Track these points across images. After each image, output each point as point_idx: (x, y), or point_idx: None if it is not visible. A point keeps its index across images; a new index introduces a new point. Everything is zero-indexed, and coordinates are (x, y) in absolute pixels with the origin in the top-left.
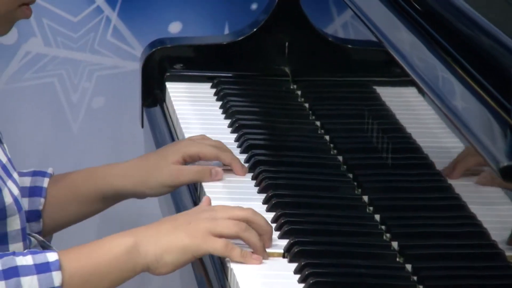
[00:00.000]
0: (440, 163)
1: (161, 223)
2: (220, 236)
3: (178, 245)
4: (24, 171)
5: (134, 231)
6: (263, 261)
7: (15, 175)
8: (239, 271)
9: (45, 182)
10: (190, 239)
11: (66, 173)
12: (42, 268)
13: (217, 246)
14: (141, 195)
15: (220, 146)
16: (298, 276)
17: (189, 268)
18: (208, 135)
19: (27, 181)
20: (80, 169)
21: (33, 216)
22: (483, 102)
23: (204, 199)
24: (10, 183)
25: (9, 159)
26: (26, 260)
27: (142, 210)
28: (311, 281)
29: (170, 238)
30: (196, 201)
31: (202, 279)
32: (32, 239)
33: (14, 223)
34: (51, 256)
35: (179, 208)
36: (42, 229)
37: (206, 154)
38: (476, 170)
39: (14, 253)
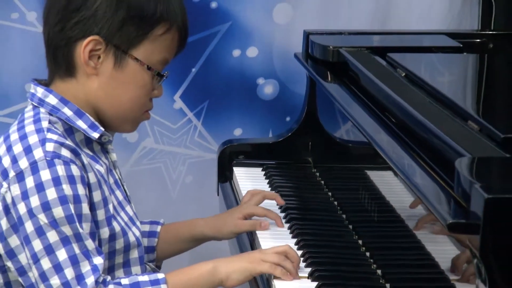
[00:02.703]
0: (407, 220)
1: (232, 256)
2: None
3: (241, 267)
4: (145, 220)
5: (214, 260)
6: (295, 280)
7: (138, 223)
8: (278, 285)
9: (158, 228)
10: (249, 264)
11: (172, 223)
12: (155, 282)
13: (266, 267)
14: (218, 239)
15: (267, 196)
16: None
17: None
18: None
19: (146, 227)
20: (179, 221)
21: (150, 250)
22: (435, 181)
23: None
24: (134, 228)
25: (134, 213)
26: (144, 277)
27: (218, 248)
28: None
29: (236, 263)
30: (251, 242)
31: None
32: (148, 267)
33: (135, 253)
34: (160, 275)
35: (240, 245)
36: (155, 258)
37: (258, 213)
38: (430, 224)
39: (136, 274)
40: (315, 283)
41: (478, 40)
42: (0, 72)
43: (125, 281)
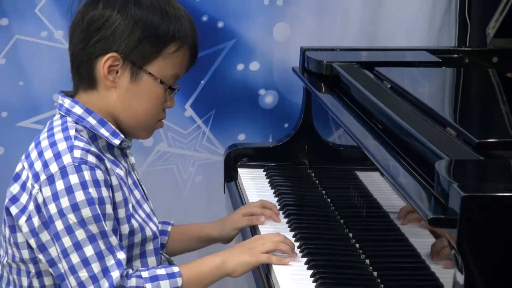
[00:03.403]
0: (392, 215)
1: (236, 247)
2: (267, 252)
3: (244, 261)
4: (158, 220)
5: (221, 253)
6: (291, 265)
7: (155, 219)
8: (277, 269)
9: (169, 228)
10: (250, 257)
11: (181, 225)
12: (171, 276)
13: (263, 258)
14: (222, 239)
15: (265, 205)
16: (312, 278)
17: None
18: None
19: (159, 226)
20: (189, 223)
21: (161, 246)
22: (417, 180)
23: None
24: (151, 224)
25: (151, 210)
26: (161, 271)
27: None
28: (319, 282)
29: (240, 257)
30: (253, 234)
31: (256, 275)
32: (163, 257)
33: (150, 245)
34: (175, 268)
35: (243, 235)
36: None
37: (255, 212)
38: (413, 218)
39: (154, 267)
40: (311, 271)
41: (455, 56)
42: (31, 83)
43: (145, 274)
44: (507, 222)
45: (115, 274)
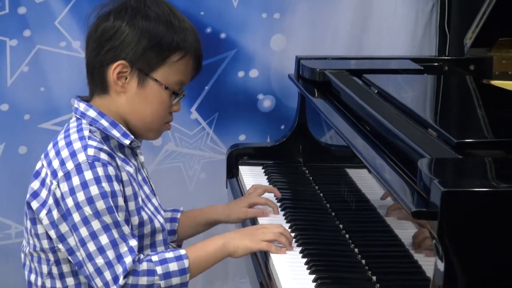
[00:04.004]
0: (378, 208)
1: (238, 231)
2: (266, 241)
3: (244, 245)
4: (168, 208)
5: (224, 235)
6: (288, 255)
7: (162, 212)
8: (274, 258)
9: (178, 215)
10: (251, 243)
11: (189, 210)
12: (178, 258)
13: (263, 246)
14: (227, 222)
15: (267, 190)
16: (306, 266)
17: (248, 257)
18: None
19: (168, 214)
20: (195, 209)
21: (171, 232)
22: (401, 177)
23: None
24: (159, 216)
25: (159, 204)
26: (169, 254)
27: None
28: (313, 269)
29: (241, 241)
30: (253, 223)
31: (255, 263)
32: (170, 246)
33: (160, 236)
34: (182, 251)
35: (243, 223)
36: (176, 239)
37: (261, 202)
38: (397, 212)
39: (163, 251)
40: (305, 259)
41: (436, 64)
42: (51, 89)
43: (155, 257)
44: (482, 215)
45: (128, 260)
